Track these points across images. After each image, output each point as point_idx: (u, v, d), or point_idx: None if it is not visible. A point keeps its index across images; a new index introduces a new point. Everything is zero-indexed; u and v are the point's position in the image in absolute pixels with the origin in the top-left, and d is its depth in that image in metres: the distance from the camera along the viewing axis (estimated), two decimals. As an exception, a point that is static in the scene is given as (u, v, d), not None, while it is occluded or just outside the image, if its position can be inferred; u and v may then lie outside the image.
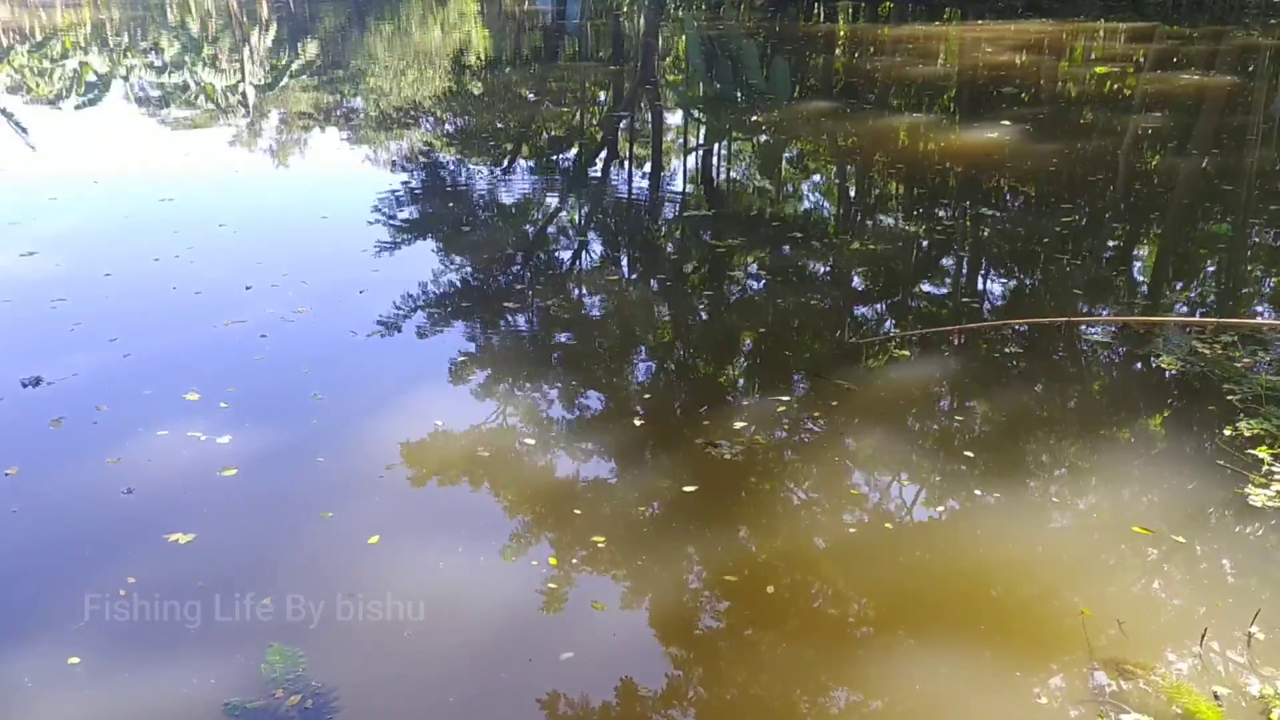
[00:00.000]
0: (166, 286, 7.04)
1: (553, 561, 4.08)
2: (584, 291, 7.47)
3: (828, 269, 7.86)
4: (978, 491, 4.60)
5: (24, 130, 13.23)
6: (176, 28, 25.62)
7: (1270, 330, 6.08)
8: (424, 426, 5.15)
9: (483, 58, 21.00)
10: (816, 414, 5.31)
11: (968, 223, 8.90)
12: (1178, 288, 7.44)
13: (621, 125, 13.88)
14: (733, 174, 11.45)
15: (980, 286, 7.66)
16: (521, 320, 6.74)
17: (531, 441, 5.06)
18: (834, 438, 5.11)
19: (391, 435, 5.05)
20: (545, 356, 6.19)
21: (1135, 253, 8.28)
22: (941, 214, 9.08)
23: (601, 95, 16.33)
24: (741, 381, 6.07)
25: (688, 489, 4.56)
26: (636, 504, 4.50)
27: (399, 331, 6.47)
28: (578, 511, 4.45)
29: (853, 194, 10.42)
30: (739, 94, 15.43)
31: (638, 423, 5.24)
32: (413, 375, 5.88)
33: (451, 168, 11.24)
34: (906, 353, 6.07)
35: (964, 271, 7.95)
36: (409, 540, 4.19)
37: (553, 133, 13.15)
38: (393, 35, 24.96)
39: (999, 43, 19.37)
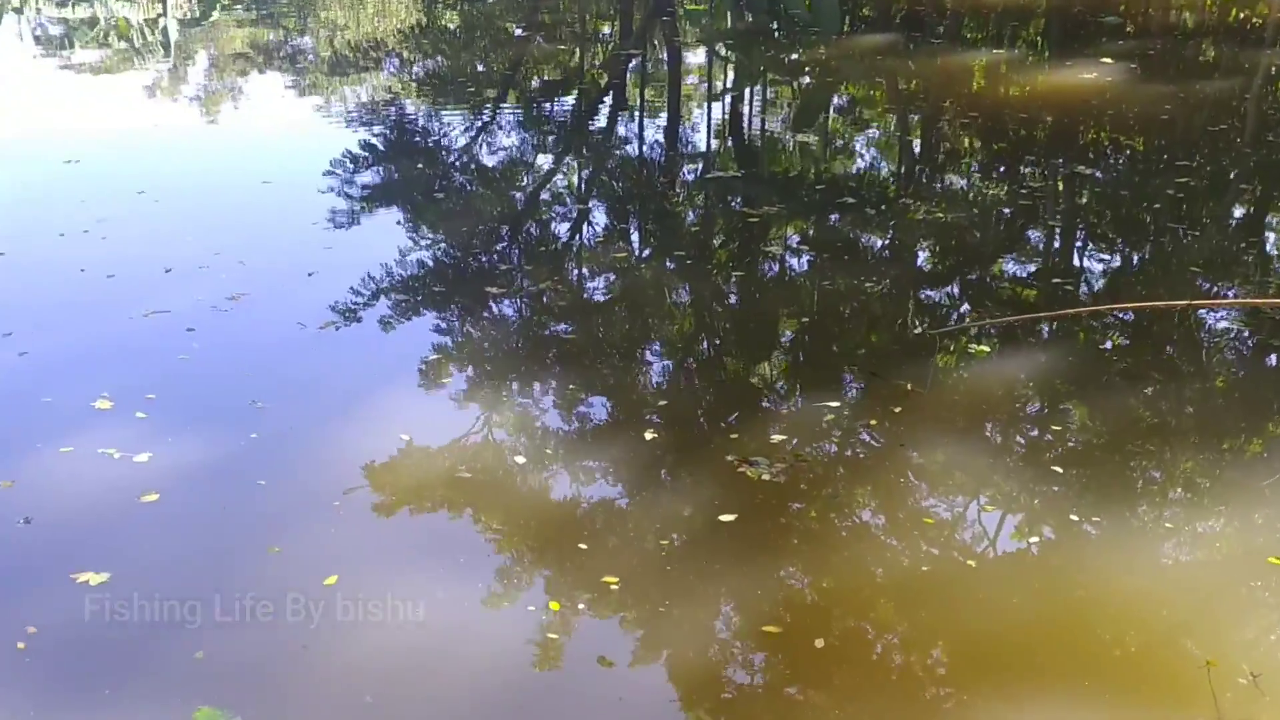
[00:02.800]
0: (73, 268, 7.04)
1: (553, 607, 4.08)
2: (585, 272, 7.44)
3: (886, 243, 7.81)
4: (1074, 517, 4.58)
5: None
6: (82, -50, 25.69)
7: None
8: (390, 441, 5.14)
9: (458, -16, 21.01)
10: (874, 423, 5.28)
11: (1060, 185, 8.84)
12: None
13: (631, 66, 13.85)
14: (768, 126, 11.41)
15: (1076, 264, 7.61)
16: (509, 308, 6.72)
17: (523, 459, 5.05)
18: (896, 452, 5.09)
19: (351, 452, 5.04)
20: (539, 353, 6.16)
21: (1268, 221, 8.22)
22: (1027, 174, 9.02)
23: (606, 29, 16.32)
24: (780, 383, 6.03)
25: (716, 518, 4.54)
26: (654, 536, 4.49)
27: (359, 323, 6.45)
28: (583, 546, 4.44)
29: (917, 149, 10.36)
30: (776, 26, 15.39)
31: (654, 435, 5.23)
32: (376, 377, 5.87)
33: (421, 121, 11.23)
34: (985, 347, 6.04)
35: (1056, 245, 7.91)
36: (374, 581, 4.19)
37: (546, 76, 13.12)
38: (347, -43, 24.99)
39: (1097, -40, 19.26)
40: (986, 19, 14.99)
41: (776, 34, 15.02)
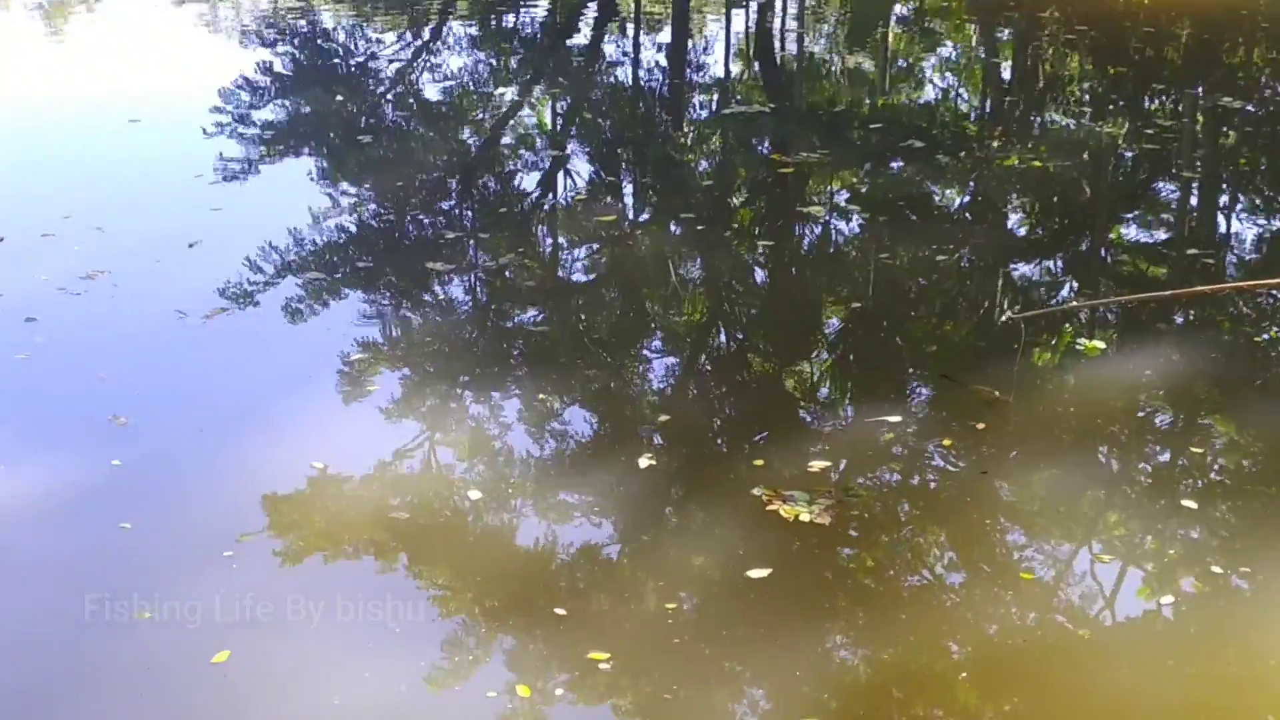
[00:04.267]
0: (-128, 238, 7.05)
1: (521, 692, 4.06)
2: (562, 242, 7.42)
3: (966, 200, 7.78)
4: (1218, 569, 4.55)
5: None
6: None
7: None
8: (299, 469, 5.11)
9: None
10: (947, 443, 5.26)
11: (1198, 121, 8.82)
12: None
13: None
14: (808, 44, 11.39)
15: (1221, 226, 7.61)
16: (459, 290, 6.72)
17: (478, 494, 5.02)
18: (978, 483, 5.06)
19: (247, 484, 5.01)
20: (499, 351, 6.16)
21: None
22: (1154, 107, 9.00)
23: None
24: (823, 390, 6.00)
25: (741, 573, 4.51)
26: (656, 598, 4.45)
27: (257, 309, 6.47)
28: (561, 611, 4.40)
29: (1007, 75, 10.34)
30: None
31: (653, 461, 5.19)
32: (281, 384, 5.86)
33: (342, 37, 11.20)
34: (1098, 341, 6.01)
35: (1193, 203, 7.91)
36: (279, 657, 4.16)
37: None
38: None
39: None
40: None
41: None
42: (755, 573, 4.49)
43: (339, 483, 5.10)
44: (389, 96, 9.75)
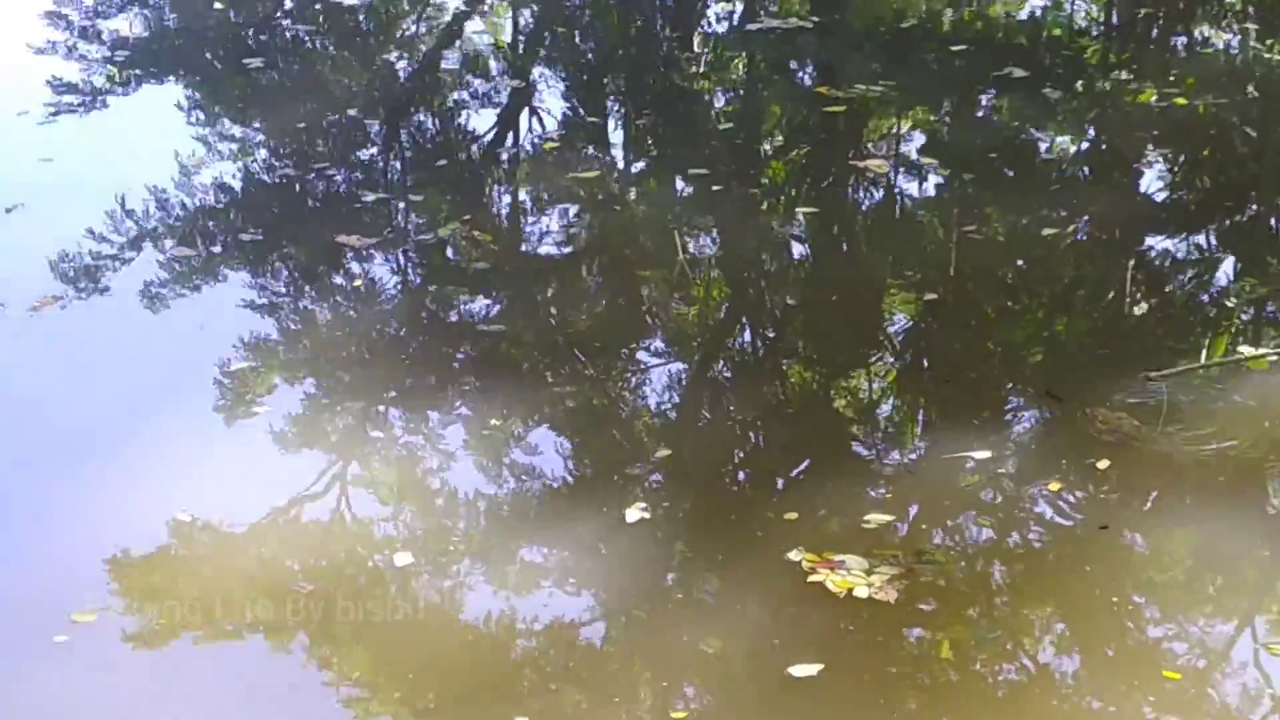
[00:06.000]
0: None
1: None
2: (524, 206, 7.42)
3: (1083, 151, 7.79)
4: None
5: None
6: None
7: None
8: (159, 520, 5.11)
9: None
10: (1055, 487, 5.27)
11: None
12: None
13: None
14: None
15: None
16: (381, 272, 6.74)
17: (409, 557, 5.02)
18: (1099, 542, 5.05)
19: (85, 542, 5.01)
20: (436, 357, 6.19)
21: None
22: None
23: None
24: (884, 413, 6.01)
25: (780, 670, 4.50)
26: (657, 702, 4.44)
27: (102, 297, 6.52)
28: None
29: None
30: None
31: (649, 513, 5.19)
32: (134, 401, 5.85)
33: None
34: (1268, 351, 5.99)
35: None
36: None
37: None
38: None
39: None
40: None
41: None
42: (798, 669, 4.48)
43: (215, 539, 5.10)
44: (287, 3, 9.74)
